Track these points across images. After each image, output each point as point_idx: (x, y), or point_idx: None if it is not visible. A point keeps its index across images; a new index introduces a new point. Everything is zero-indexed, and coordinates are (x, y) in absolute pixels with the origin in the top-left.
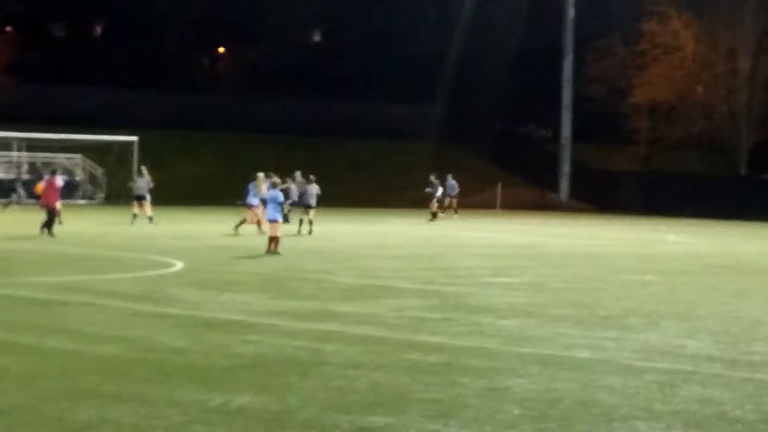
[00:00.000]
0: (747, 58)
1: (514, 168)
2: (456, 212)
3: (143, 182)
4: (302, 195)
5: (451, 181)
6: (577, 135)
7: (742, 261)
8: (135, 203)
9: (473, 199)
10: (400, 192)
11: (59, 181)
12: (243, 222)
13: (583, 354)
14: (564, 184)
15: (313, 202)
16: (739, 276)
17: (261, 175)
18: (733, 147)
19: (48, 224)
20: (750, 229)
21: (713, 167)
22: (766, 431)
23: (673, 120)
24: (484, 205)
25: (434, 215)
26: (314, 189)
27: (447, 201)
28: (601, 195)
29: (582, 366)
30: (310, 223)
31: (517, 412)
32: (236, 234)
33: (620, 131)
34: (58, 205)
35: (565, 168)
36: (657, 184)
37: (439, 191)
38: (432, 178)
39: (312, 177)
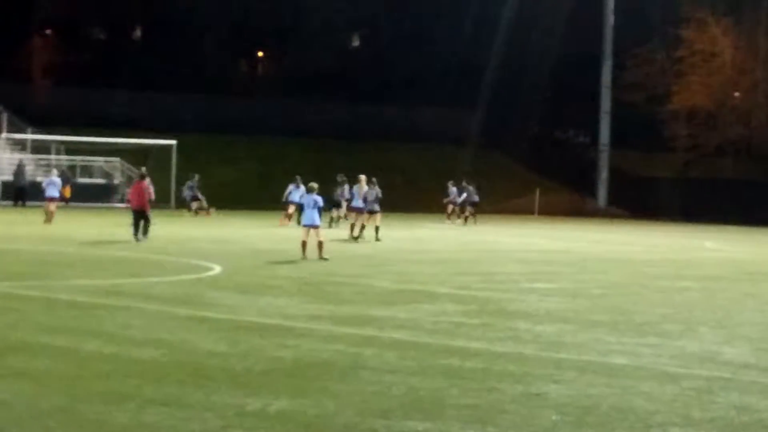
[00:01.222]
0: None
1: (552, 174)
2: (451, 218)
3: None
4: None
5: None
6: (616, 141)
7: None
8: None
9: (511, 204)
10: (437, 196)
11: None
12: (361, 227)
13: (620, 360)
14: (602, 190)
15: (376, 206)
16: None
17: (363, 177)
18: None
19: (144, 226)
20: None
21: (751, 174)
22: None
23: (712, 127)
24: (521, 210)
25: (473, 217)
26: (375, 193)
27: (450, 208)
28: (640, 201)
29: (619, 372)
30: (377, 229)
31: (554, 417)
32: (359, 240)
33: (659, 138)
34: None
35: (603, 174)
36: (695, 191)
37: (463, 196)
38: (449, 184)
39: (374, 180)
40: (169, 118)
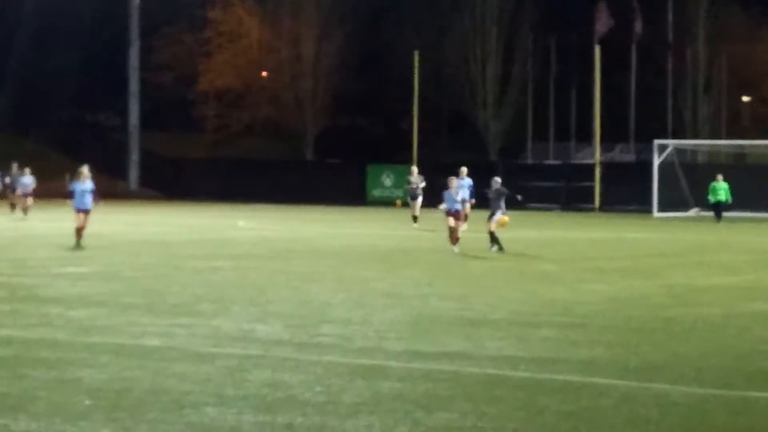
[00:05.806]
0: (311, 44)
1: (84, 157)
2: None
3: None
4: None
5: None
6: (146, 123)
7: (309, 244)
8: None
9: (44, 188)
10: None
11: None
12: None
13: (154, 342)
14: (133, 173)
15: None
16: (307, 260)
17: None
18: (299, 133)
19: None
20: (317, 212)
21: (280, 152)
22: (334, 412)
23: (240, 107)
24: (54, 195)
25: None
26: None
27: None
28: (171, 183)
29: (153, 354)
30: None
31: (87, 402)
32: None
33: (189, 118)
34: None
35: (134, 156)
36: (226, 171)
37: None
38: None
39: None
40: None
